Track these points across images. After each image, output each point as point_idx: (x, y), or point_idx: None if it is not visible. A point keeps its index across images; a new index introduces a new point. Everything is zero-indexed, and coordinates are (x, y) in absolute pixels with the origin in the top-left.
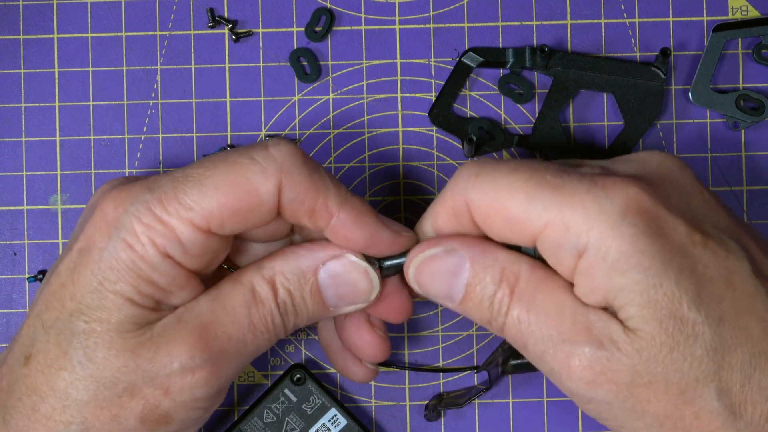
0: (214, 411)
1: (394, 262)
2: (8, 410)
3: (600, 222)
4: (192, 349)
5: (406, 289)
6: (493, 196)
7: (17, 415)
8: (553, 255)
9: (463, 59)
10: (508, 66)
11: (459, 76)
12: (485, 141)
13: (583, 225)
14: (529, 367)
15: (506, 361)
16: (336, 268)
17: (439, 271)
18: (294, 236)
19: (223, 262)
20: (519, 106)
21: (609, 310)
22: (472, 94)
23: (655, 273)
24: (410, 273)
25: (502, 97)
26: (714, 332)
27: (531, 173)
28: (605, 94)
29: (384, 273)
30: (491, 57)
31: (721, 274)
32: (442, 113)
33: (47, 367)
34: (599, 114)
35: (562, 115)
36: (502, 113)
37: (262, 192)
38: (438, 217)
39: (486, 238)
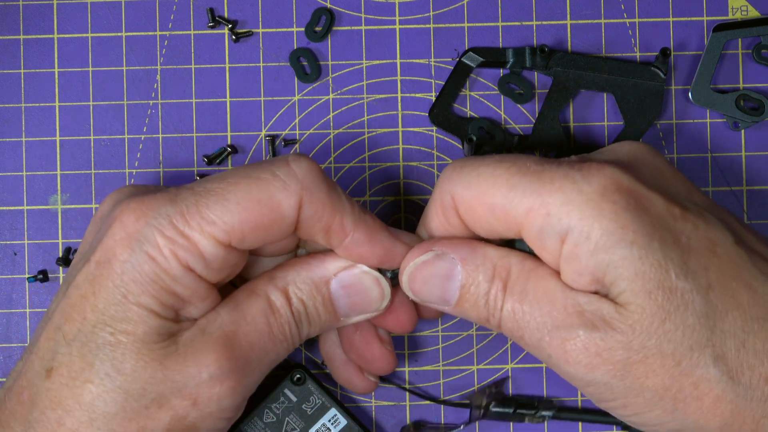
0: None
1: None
2: (32, 424)
3: (580, 203)
4: (219, 359)
5: (408, 300)
6: (476, 188)
7: (41, 429)
8: (538, 242)
9: (463, 59)
10: (508, 66)
11: (459, 76)
12: (485, 141)
13: (563, 208)
14: (510, 417)
15: (489, 405)
16: (348, 279)
17: (431, 276)
18: (299, 250)
19: None
20: (519, 106)
21: (599, 292)
22: (472, 94)
23: (640, 245)
24: (404, 281)
25: (502, 97)
26: (703, 299)
27: (513, 163)
28: (605, 94)
29: (393, 283)
30: (491, 57)
31: (704, 245)
32: (442, 113)
33: (72, 380)
34: (599, 114)
35: (562, 115)
36: (502, 113)
37: (284, 208)
38: (429, 218)
39: (475, 238)
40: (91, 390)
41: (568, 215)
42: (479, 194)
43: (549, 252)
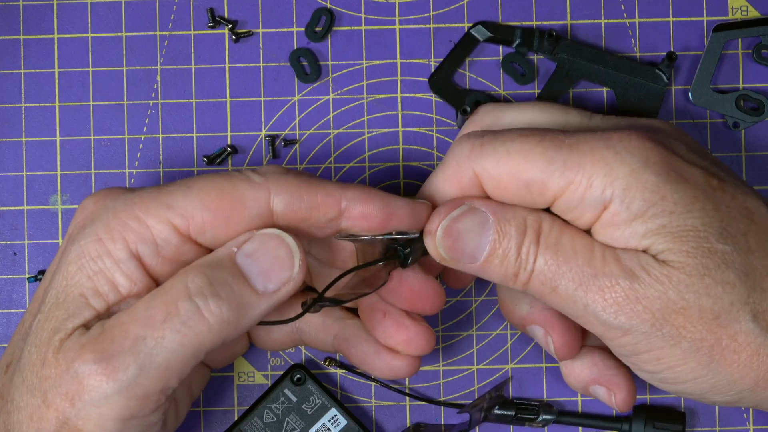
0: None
1: (412, 236)
2: None
3: (624, 174)
4: (90, 354)
5: (432, 277)
6: (508, 164)
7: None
8: (573, 211)
9: (472, 32)
10: (514, 45)
11: (464, 48)
12: None
13: (607, 179)
14: (511, 420)
15: (490, 409)
16: (251, 246)
17: (464, 230)
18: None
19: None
20: (519, 85)
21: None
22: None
23: (679, 215)
24: (438, 236)
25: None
26: (744, 260)
27: (542, 136)
28: (605, 91)
29: (407, 256)
30: (499, 34)
31: (742, 213)
32: (443, 81)
33: (5, 374)
34: (596, 108)
35: (560, 102)
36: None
37: (248, 200)
38: (439, 189)
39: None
40: (12, 382)
41: (612, 186)
42: (512, 171)
43: (583, 220)
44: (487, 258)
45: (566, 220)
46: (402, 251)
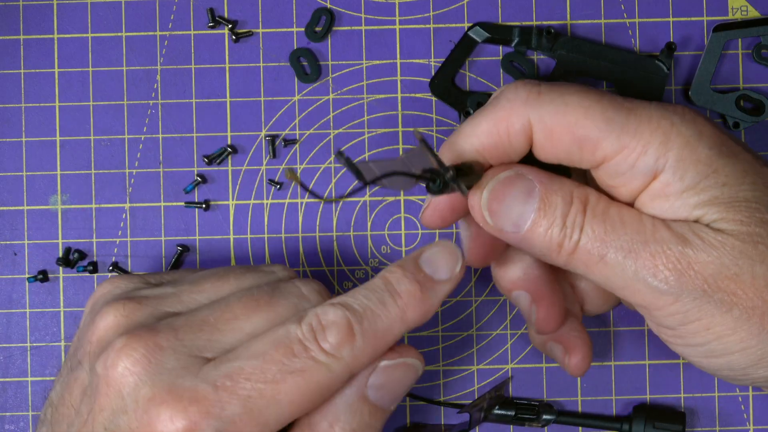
0: None
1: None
2: None
3: (679, 145)
4: None
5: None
6: (564, 116)
7: None
8: (621, 177)
9: (470, 33)
10: (513, 44)
11: (463, 50)
12: None
13: (662, 148)
14: (511, 420)
15: (490, 409)
16: (379, 380)
17: (510, 196)
18: None
19: None
20: None
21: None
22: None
23: (731, 186)
24: (484, 197)
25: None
26: None
27: (601, 95)
28: (605, 85)
29: (440, 185)
30: (497, 34)
31: None
32: (443, 84)
33: None
34: None
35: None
36: None
37: (334, 388)
38: (483, 130)
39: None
40: None
41: (665, 155)
42: (569, 124)
43: (630, 187)
44: (531, 227)
45: (609, 188)
46: (436, 180)
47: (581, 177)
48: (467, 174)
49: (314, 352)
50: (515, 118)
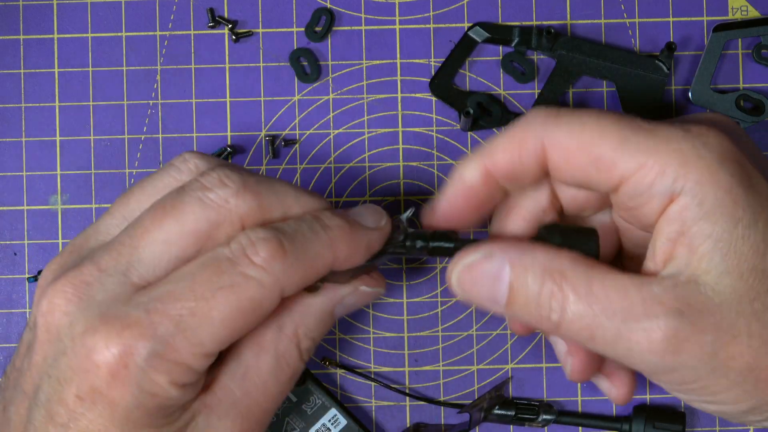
0: None
1: (442, 245)
2: None
3: (699, 168)
4: None
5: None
6: (581, 136)
7: None
8: (639, 198)
9: (469, 33)
10: (513, 44)
11: (463, 50)
12: (482, 116)
13: (681, 169)
14: (511, 420)
15: (490, 409)
16: (352, 300)
17: (480, 277)
18: None
19: None
20: (520, 84)
21: (675, 276)
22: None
23: (745, 225)
24: (453, 281)
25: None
26: None
27: (618, 117)
28: (605, 84)
29: (433, 253)
30: (497, 34)
31: None
32: (443, 84)
33: None
34: (598, 102)
35: (561, 100)
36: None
37: (266, 306)
38: (498, 151)
39: (523, 239)
40: None
41: (685, 177)
42: (585, 144)
43: (648, 210)
44: (508, 303)
45: (629, 210)
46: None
47: (605, 205)
48: (444, 239)
49: (243, 267)
50: (530, 139)
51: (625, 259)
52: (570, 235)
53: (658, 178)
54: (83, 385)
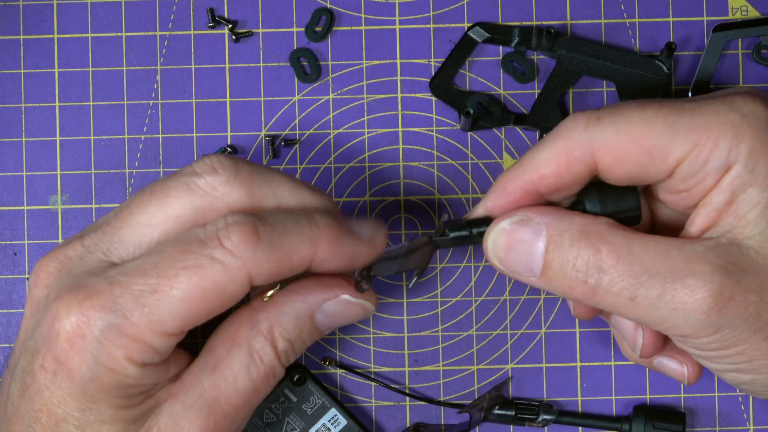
0: None
1: (458, 234)
2: None
3: (750, 137)
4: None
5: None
6: (629, 132)
7: None
8: (695, 177)
9: (469, 33)
10: (512, 44)
11: (463, 50)
12: (482, 116)
13: (734, 140)
14: (511, 420)
15: (490, 409)
16: (332, 308)
17: (516, 241)
18: None
19: None
20: (520, 85)
21: (717, 236)
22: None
23: None
24: (488, 247)
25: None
26: None
27: (658, 103)
28: (605, 84)
29: (446, 243)
30: (497, 34)
31: None
32: (443, 84)
33: None
34: (598, 102)
35: (561, 99)
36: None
37: (231, 291)
38: (543, 162)
39: (560, 207)
40: None
41: (738, 147)
42: (636, 138)
43: (702, 188)
44: (543, 271)
45: (679, 193)
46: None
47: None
48: (483, 223)
49: (211, 249)
50: (575, 145)
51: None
52: (609, 191)
53: (713, 153)
54: (47, 354)
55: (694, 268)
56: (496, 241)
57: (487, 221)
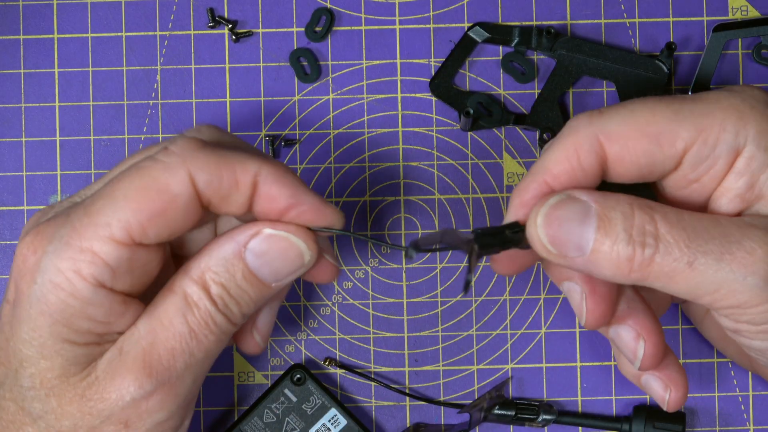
0: (188, 426)
1: (493, 227)
2: None
3: (755, 117)
4: (138, 378)
5: (330, 253)
6: (634, 120)
7: None
8: (705, 162)
9: (469, 33)
10: (512, 44)
11: (463, 50)
12: (482, 116)
13: (740, 122)
14: (511, 420)
15: (490, 409)
16: (259, 246)
17: (566, 218)
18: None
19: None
20: (520, 84)
21: (757, 213)
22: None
23: None
24: (539, 224)
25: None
26: None
27: (661, 96)
28: (605, 84)
29: (483, 249)
30: (497, 34)
31: None
32: (443, 84)
33: (10, 424)
34: (598, 102)
35: (561, 99)
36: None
37: (173, 187)
38: (554, 160)
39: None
40: None
41: (745, 128)
42: (641, 125)
43: (715, 173)
44: (595, 246)
45: (690, 184)
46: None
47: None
48: (514, 227)
49: (153, 152)
50: (583, 139)
51: None
52: (626, 188)
53: (721, 135)
54: (10, 285)
55: (747, 233)
56: (547, 215)
57: (516, 225)
